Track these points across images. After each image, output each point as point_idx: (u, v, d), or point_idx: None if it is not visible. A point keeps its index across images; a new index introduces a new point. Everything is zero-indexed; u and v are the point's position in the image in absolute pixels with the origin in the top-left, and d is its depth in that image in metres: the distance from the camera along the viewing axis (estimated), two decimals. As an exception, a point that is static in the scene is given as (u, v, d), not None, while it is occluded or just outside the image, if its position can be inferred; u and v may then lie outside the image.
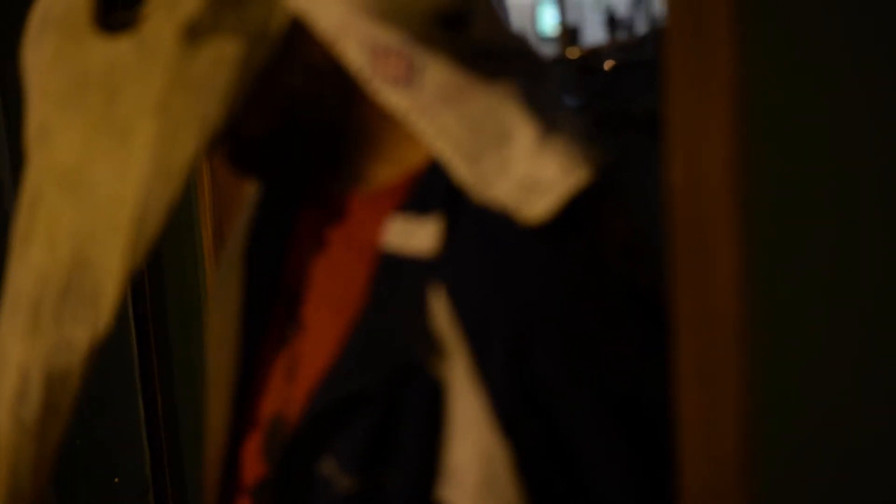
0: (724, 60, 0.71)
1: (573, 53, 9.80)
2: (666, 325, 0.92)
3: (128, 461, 2.57)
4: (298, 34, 0.97)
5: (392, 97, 0.94)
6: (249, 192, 1.17)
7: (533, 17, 21.52)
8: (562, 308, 0.93)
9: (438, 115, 0.93)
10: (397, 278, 0.98)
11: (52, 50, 0.99)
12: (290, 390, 1.07)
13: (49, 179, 0.99)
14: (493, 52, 0.98)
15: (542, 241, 0.93)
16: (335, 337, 1.02)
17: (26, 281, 1.00)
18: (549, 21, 21.46)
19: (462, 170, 0.93)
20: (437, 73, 0.93)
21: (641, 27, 17.76)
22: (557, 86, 1.00)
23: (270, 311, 1.11)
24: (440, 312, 0.93)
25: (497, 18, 1.02)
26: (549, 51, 15.84)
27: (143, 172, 0.95)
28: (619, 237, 0.96)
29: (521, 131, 0.93)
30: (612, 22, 18.71)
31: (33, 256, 0.99)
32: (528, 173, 0.92)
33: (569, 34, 16.28)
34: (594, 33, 18.16)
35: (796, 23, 0.69)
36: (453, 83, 0.94)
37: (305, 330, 1.07)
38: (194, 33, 0.94)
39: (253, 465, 1.10)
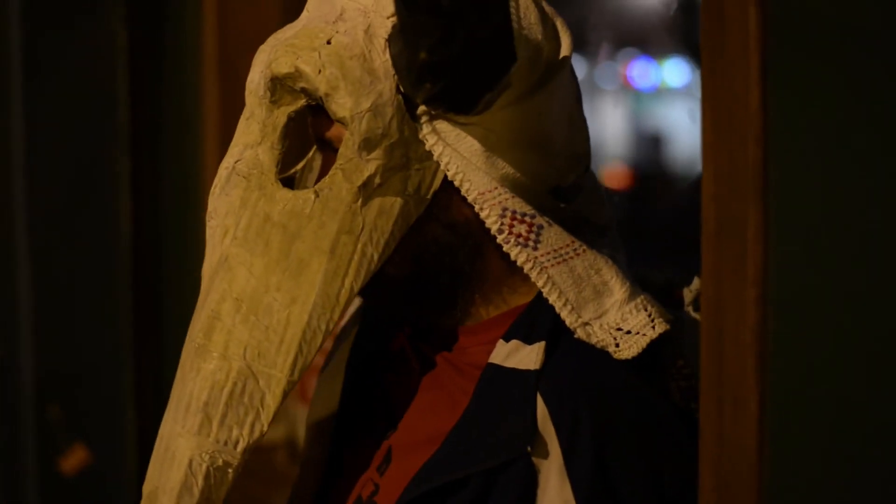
0: (753, 252, 0.92)
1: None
2: None
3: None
4: (444, 195, 1.18)
5: (516, 253, 1.17)
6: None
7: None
8: (637, 421, 1.16)
9: (551, 270, 1.17)
10: (503, 386, 1.17)
11: (239, 197, 1.19)
12: (382, 480, 1.24)
13: (228, 303, 1.17)
14: (591, 222, 1.24)
15: (625, 367, 1.15)
16: (433, 435, 1.21)
17: (200, 386, 1.16)
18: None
19: (565, 314, 1.16)
20: (552, 236, 1.17)
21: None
22: (625, 254, 1.25)
23: (366, 415, 1.31)
24: (540, 414, 1.13)
25: (597, 191, 1.27)
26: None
27: (310, 302, 1.15)
28: (680, 378, 1.19)
29: (615, 288, 1.17)
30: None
31: (207, 366, 1.16)
32: (619, 322, 1.16)
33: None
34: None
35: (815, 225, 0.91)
36: (563, 245, 1.18)
37: (401, 430, 1.26)
38: (367, 191, 1.16)
39: None
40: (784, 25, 0.95)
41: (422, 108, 1.15)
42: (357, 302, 1.36)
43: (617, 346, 1.16)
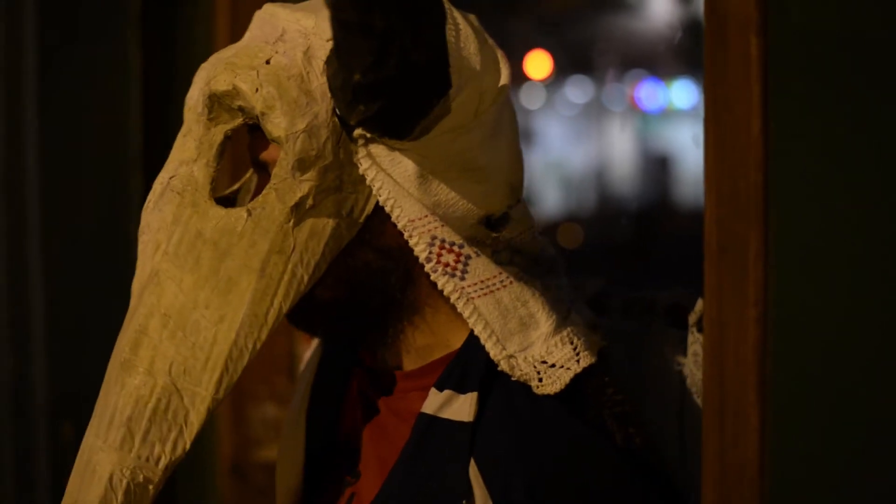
0: (754, 273, 0.95)
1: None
2: (655, 480, 1.16)
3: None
4: (377, 220, 1.19)
5: (443, 282, 1.17)
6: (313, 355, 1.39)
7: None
8: (568, 467, 1.16)
9: (477, 301, 1.17)
10: (437, 438, 1.18)
11: (172, 213, 1.18)
12: None
13: (155, 318, 1.16)
14: (523, 252, 1.24)
15: (555, 412, 1.16)
16: (381, 483, 1.21)
17: (124, 401, 1.14)
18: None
19: (489, 346, 1.17)
20: (479, 267, 1.18)
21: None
22: (567, 281, 1.26)
23: (330, 460, 1.32)
24: (471, 467, 1.15)
25: (528, 223, 1.27)
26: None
27: (238, 320, 1.15)
28: (612, 406, 1.20)
29: (541, 320, 1.18)
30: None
31: (132, 381, 1.15)
32: (544, 355, 1.17)
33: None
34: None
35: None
36: (490, 276, 1.19)
37: (362, 476, 1.27)
38: (299, 212, 1.16)
39: None
40: (785, 53, 0.98)
41: (358, 131, 1.16)
42: (317, 341, 1.37)
43: (540, 380, 1.16)
